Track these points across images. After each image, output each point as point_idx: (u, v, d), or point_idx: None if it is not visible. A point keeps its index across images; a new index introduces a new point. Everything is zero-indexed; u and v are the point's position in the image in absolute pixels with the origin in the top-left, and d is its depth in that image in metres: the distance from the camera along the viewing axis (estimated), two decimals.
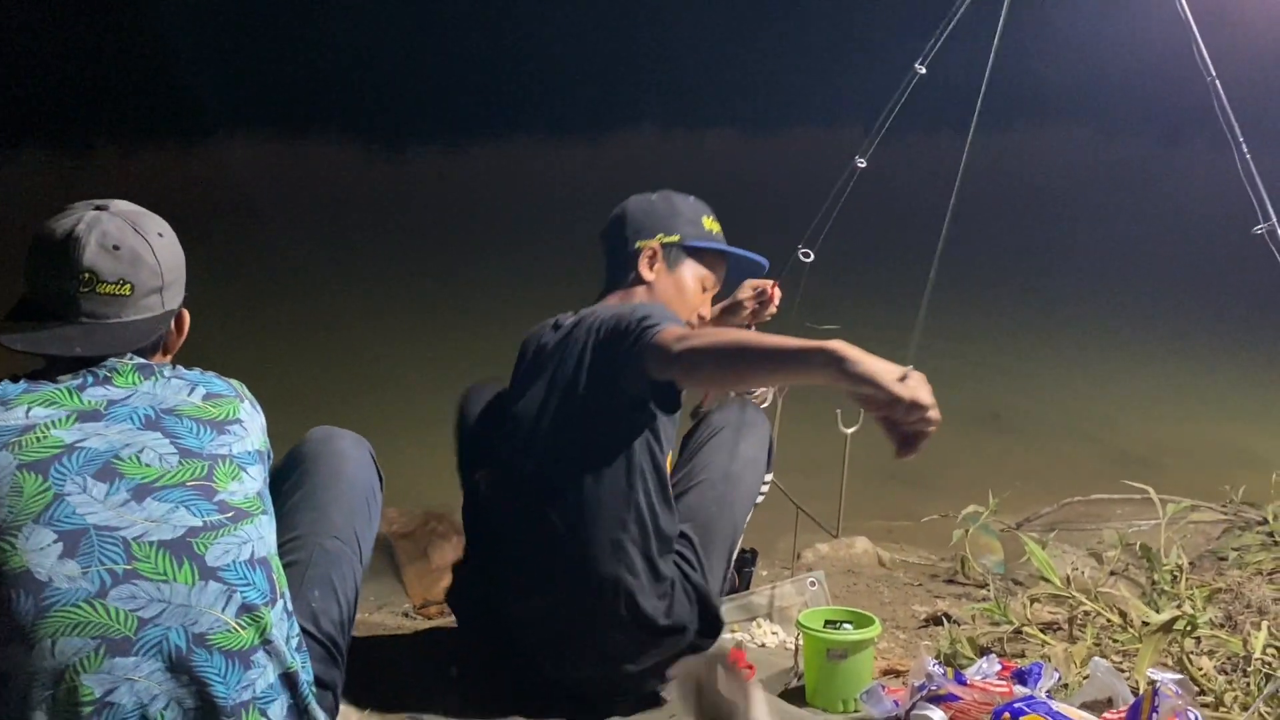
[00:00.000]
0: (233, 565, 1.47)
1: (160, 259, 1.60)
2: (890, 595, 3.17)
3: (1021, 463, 4.46)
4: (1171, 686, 1.63)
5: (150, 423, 1.50)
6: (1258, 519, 3.50)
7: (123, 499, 1.43)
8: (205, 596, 1.44)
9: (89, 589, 1.37)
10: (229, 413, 1.57)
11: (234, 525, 1.49)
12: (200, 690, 1.42)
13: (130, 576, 1.40)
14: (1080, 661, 2.39)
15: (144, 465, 1.47)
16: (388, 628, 2.86)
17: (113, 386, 1.52)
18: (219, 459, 1.52)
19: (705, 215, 2.37)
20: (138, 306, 1.57)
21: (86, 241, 1.54)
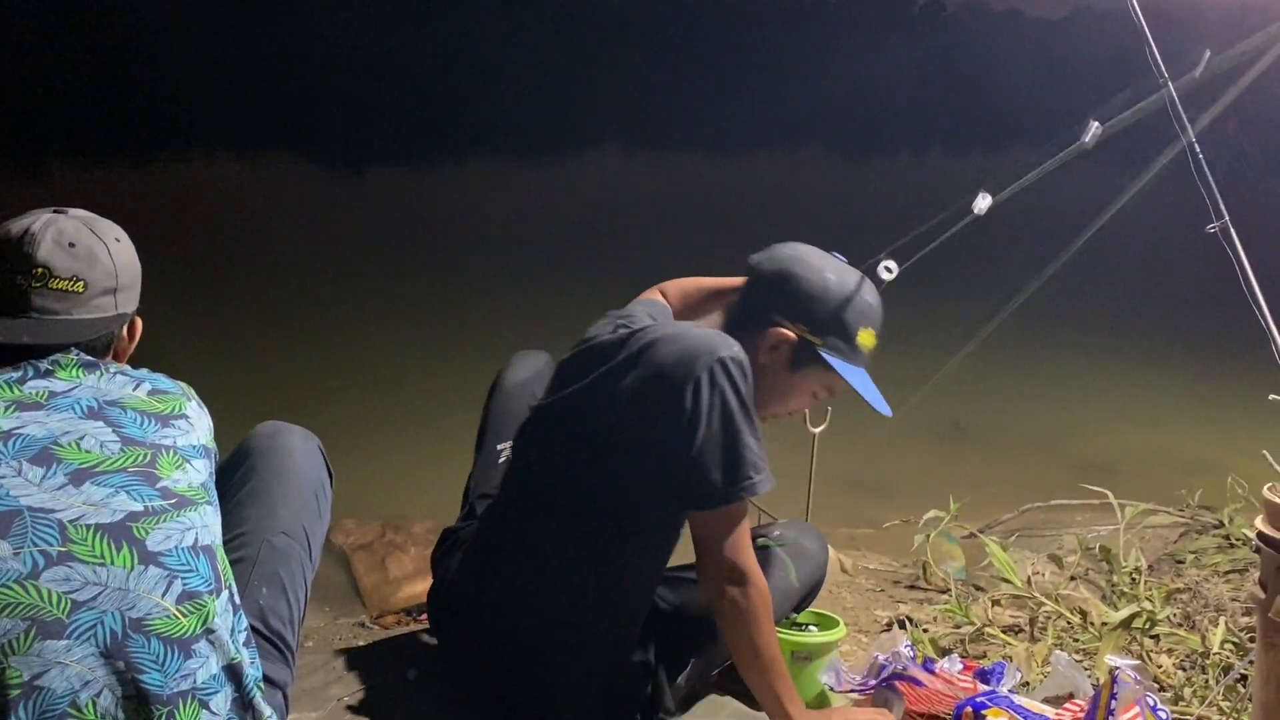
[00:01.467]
0: (175, 551, 1.43)
1: (116, 261, 1.58)
2: (853, 600, 3.16)
3: (982, 471, 4.49)
4: (1130, 673, 1.63)
5: (93, 413, 1.48)
6: (1214, 522, 3.54)
7: (60, 483, 1.40)
8: (144, 581, 1.39)
9: (20, 569, 1.33)
10: (175, 408, 1.55)
11: (177, 512, 1.45)
12: (135, 678, 1.38)
13: (65, 559, 1.36)
14: (1042, 661, 2.40)
15: (83, 451, 1.43)
16: (344, 637, 2.81)
17: (55, 379, 1.49)
18: (163, 449, 1.49)
19: (866, 329, 2.03)
20: (89, 305, 1.55)
21: (42, 238, 1.53)
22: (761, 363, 1.97)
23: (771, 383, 1.99)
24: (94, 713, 1.36)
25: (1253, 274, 2.29)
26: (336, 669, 2.35)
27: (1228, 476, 3.61)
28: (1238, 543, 3.29)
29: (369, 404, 4.98)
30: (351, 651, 2.53)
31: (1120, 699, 1.61)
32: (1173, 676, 2.33)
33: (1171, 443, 5.04)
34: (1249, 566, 3.04)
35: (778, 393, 2.02)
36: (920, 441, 5.02)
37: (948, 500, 3.40)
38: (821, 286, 1.99)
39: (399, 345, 6.00)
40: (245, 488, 1.73)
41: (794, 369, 2.00)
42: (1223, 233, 2.39)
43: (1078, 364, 6.26)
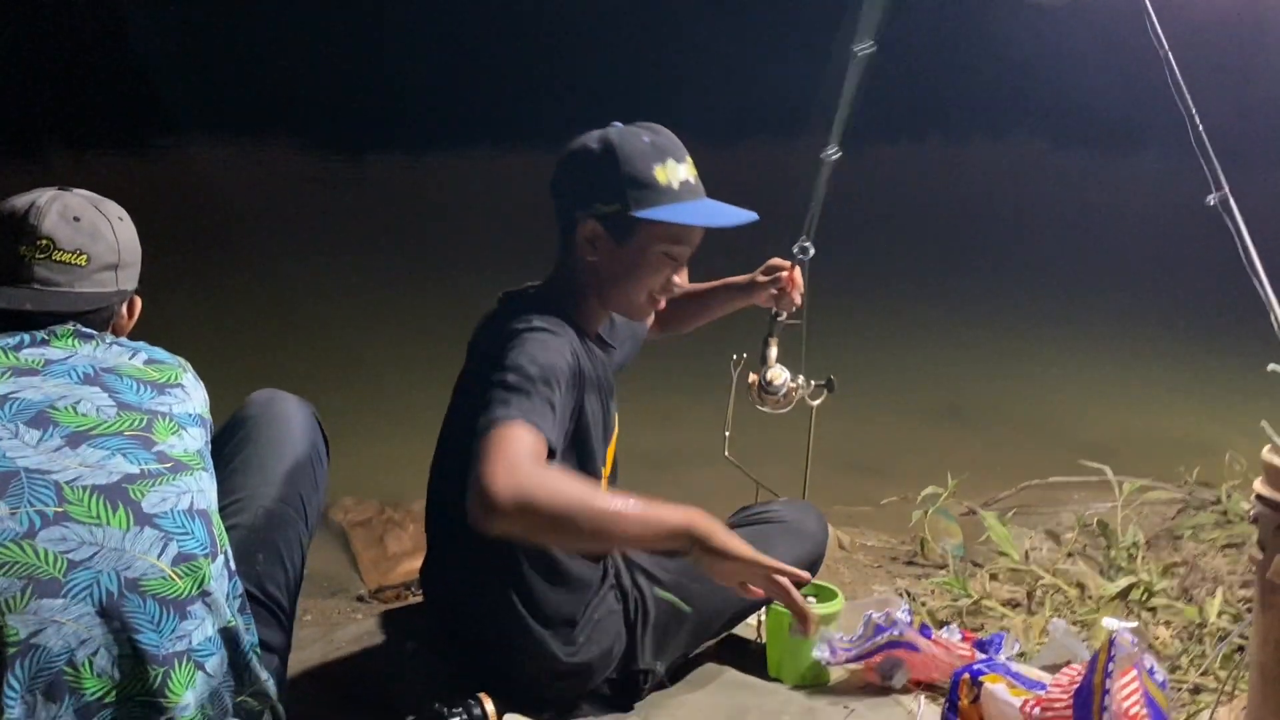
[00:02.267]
0: (170, 513, 1.44)
1: (119, 238, 1.61)
2: (850, 576, 3.17)
3: (979, 452, 4.49)
4: (1128, 636, 1.63)
5: (89, 379, 1.49)
6: (1212, 499, 3.54)
7: (56, 444, 1.41)
8: (140, 542, 1.40)
9: (16, 529, 1.34)
10: (171, 377, 1.56)
11: (173, 475, 1.46)
12: (131, 637, 1.38)
13: (61, 519, 1.36)
14: (1039, 632, 2.40)
15: (80, 415, 1.44)
16: (343, 611, 2.81)
17: (50, 348, 1.50)
18: (159, 414, 1.50)
19: (660, 164, 1.86)
20: (91, 279, 1.57)
21: (47, 211, 1.55)
22: (592, 262, 1.89)
23: (614, 272, 1.89)
24: (90, 671, 1.37)
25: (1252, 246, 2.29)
26: (335, 642, 2.35)
27: (1225, 454, 3.61)
28: (1235, 518, 3.30)
29: (368, 384, 4.98)
30: (350, 625, 2.53)
31: (1118, 662, 1.61)
32: (1170, 647, 2.34)
33: (1169, 423, 5.04)
34: (1247, 541, 3.05)
35: (629, 276, 1.90)
36: (917, 422, 5.03)
37: (945, 479, 3.40)
38: (589, 158, 1.87)
39: (398, 326, 5.99)
40: (240, 455, 1.73)
41: (622, 245, 1.87)
42: (1222, 204, 2.39)
43: (1074, 345, 6.26)
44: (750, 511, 2.31)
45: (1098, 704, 1.62)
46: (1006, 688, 1.85)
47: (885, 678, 2.14)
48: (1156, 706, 1.66)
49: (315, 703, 1.99)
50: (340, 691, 2.10)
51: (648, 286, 1.93)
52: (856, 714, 2.07)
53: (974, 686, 1.88)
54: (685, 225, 1.88)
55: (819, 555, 2.30)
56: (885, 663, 2.12)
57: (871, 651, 2.12)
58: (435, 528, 2.05)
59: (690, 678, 2.18)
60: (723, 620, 2.16)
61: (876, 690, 2.15)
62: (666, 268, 1.92)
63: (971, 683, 1.89)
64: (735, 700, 2.12)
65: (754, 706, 2.09)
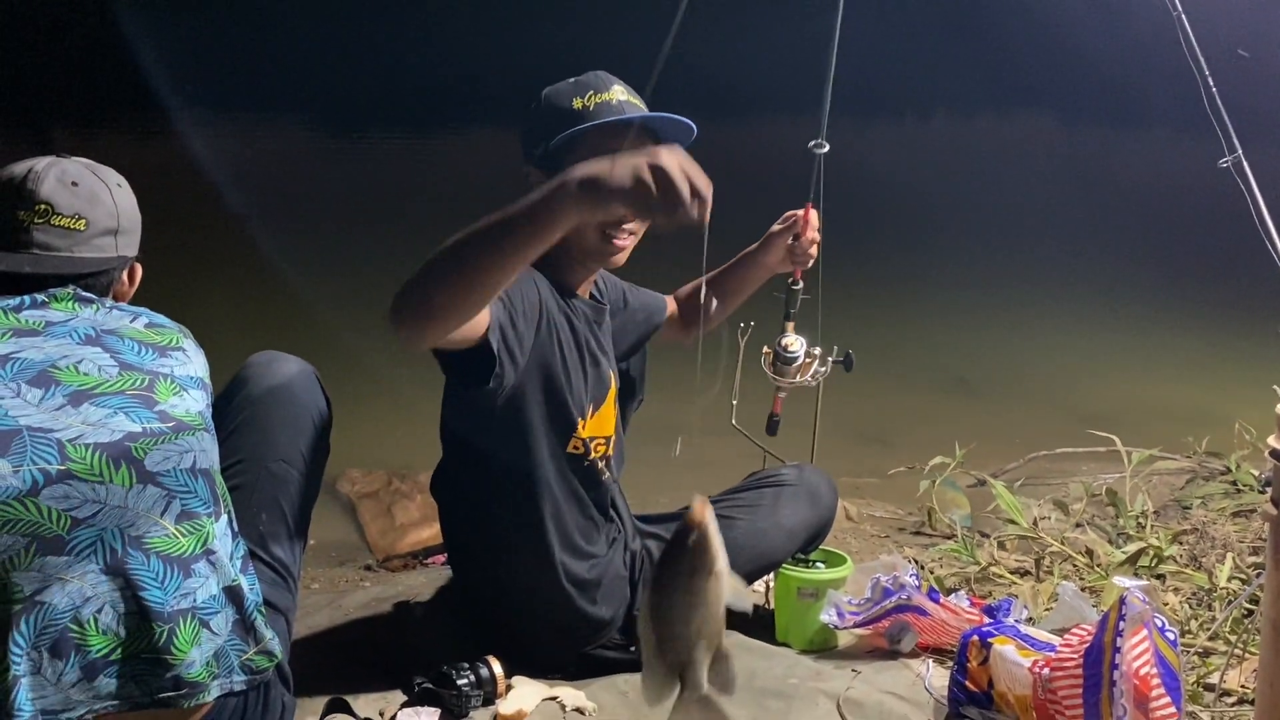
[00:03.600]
0: (173, 472, 1.43)
1: (118, 203, 1.60)
2: (857, 546, 3.16)
3: (987, 424, 4.47)
4: (1139, 595, 1.62)
5: (90, 340, 1.48)
6: (1221, 468, 3.53)
7: (58, 403, 1.39)
8: (143, 500, 1.39)
9: (19, 486, 1.33)
10: (172, 341, 1.55)
11: (174, 435, 1.44)
12: (135, 594, 1.38)
13: (64, 477, 1.35)
14: (1048, 598, 2.39)
15: (81, 374, 1.43)
16: (351, 579, 2.82)
17: (51, 310, 1.49)
18: (160, 375, 1.49)
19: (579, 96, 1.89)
20: (90, 244, 1.56)
21: (45, 176, 1.54)
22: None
23: None
24: (95, 628, 1.36)
25: (1265, 208, 2.27)
26: (343, 608, 2.36)
27: (1234, 425, 3.59)
28: (1245, 488, 3.28)
29: (374, 357, 4.97)
30: (358, 592, 2.54)
31: (1128, 621, 1.60)
32: (1179, 612, 2.33)
33: (1176, 397, 5.02)
34: (1256, 508, 3.04)
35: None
36: (924, 394, 5.01)
37: (953, 450, 3.39)
38: (526, 114, 1.93)
39: None
40: (241, 415, 1.72)
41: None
42: (1235, 167, 2.37)
43: (1082, 317, 6.24)
44: (759, 476, 2.31)
45: (1108, 663, 1.61)
46: (1015, 649, 1.84)
47: (893, 641, 2.13)
48: (1168, 665, 1.66)
49: (324, 666, 1.99)
50: (348, 655, 2.10)
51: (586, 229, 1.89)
52: (864, 677, 2.07)
53: (983, 648, 1.88)
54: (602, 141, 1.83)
55: (828, 519, 2.30)
56: (893, 627, 2.12)
57: (879, 616, 2.12)
58: (455, 492, 2.05)
59: None
60: None
61: (884, 654, 2.15)
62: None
63: (980, 644, 1.88)
64: (743, 664, 2.11)
65: (762, 670, 2.09)
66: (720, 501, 2.21)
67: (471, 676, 1.86)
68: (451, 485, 2.04)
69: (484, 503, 1.96)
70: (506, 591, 1.99)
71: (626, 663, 2.05)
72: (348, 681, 1.95)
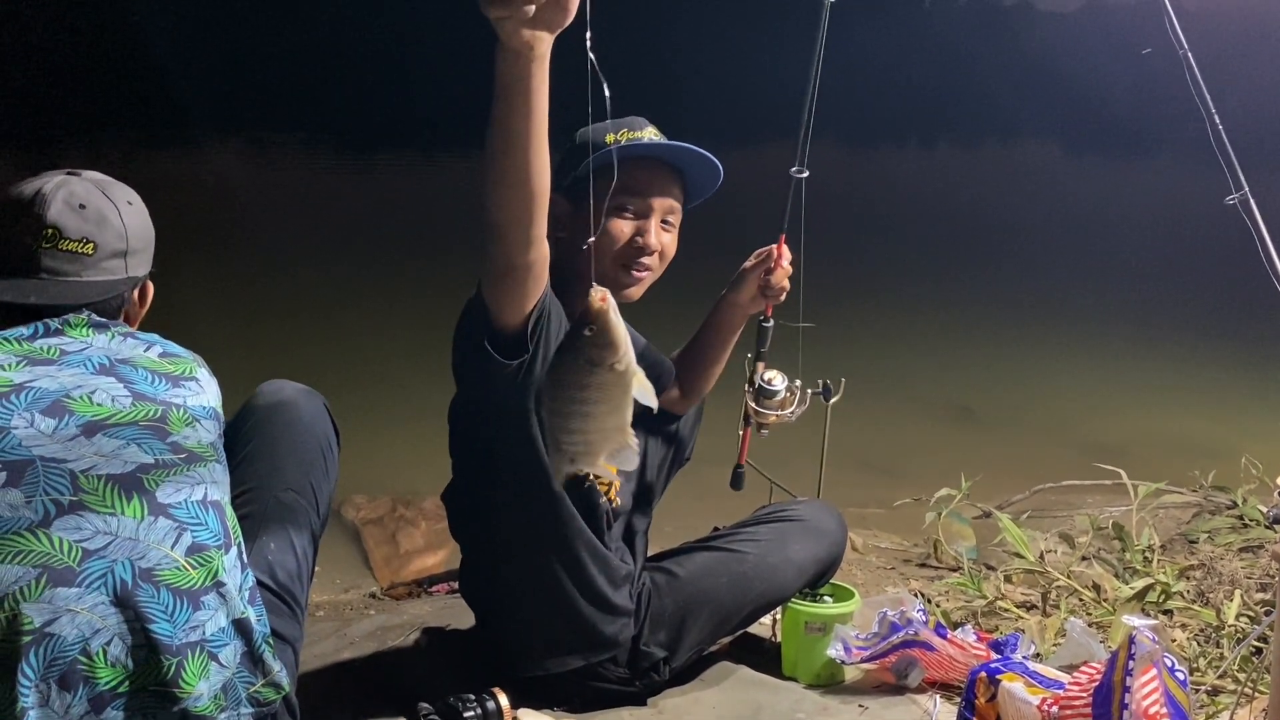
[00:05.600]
0: (184, 504, 1.43)
1: (127, 224, 1.58)
2: (864, 577, 3.15)
3: (993, 454, 4.47)
4: (1148, 634, 1.61)
5: (104, 369, 1.48)
6: (1227, 503, 3.52)
7: (71, 433, 1.40)
8: (154, 532, 1.40)
9: (31, 518, 1.34)
10: (186, 370, 1.55)
11: (187, 466, 1.45)
12: (144, 627, 1.38)
13: (76, 508, 1.36)
14: (1055, 633, 2.39)
15: (95, 404, 1.43)
16: (356, 607, 2.81)
17: (65, 337, 1.50)
18: (173, 406, 1.49)
19: (613, 132, 1.94)
20: (99, 267, 1.55)
21: (53, 199, 1.53)
22: (562, 238, 1.89)
23: (578, 240, 1.83)
24: (104, 660, 1.36)
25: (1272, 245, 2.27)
26: (348, 636, 2.36)
27: (1241, 459, 3.59)
28: (1251, 522, 3.27)
29: (380, 382, 4.98)
30: (363, 620, 2.53)
31: (1138, 660, 1.59)
32: (1187, 649, 2.32)
33: (1184, 426, 5.02)
34: (1264, 544, 3.03)
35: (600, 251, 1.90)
36: (930, 424, 5.01)
37: (958, 481, 3.38)
38: (562, 151, 1.94)
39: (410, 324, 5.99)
40: (250, 444, 1.71)
41: (578, 210, 1.87)
42: (1242, 204, 2.37)
43: (1087, 348, 6.25)
44: (770, 510, 2.31)
45: (1118, 702, 1.61)
46: (1024, 686, 1.83)
47: (900, 677, 2.13)
48: (1177, 705, 1.65)
49: (330, 695, 1.99)
50: (354, 685, 2.10)
51: (611, 249, 1.94)
52: (870, 713, 2.07)
53: (991, 685, 1.87)
54: (630, 171, 1.89)
55: (838, 555, 2.29)
56: (900, 662, 2.11)
57: (886, 651, 2.11)
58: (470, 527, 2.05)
59: (705, 675, 2.17)
60: (741, 615, 2.15)
61: (891, 689, 2.14)
62: (625, 224, 1.95)
63: (989, 681, 1.87)
64: (750, 698, 2.11)
65: (768, 704, 2.08)
66: (731, 535, 2.21)
67: (478, 709, 1.85)
68: (457, 495, 2.04)
69: (486, 512, 1.96)
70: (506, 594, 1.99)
71: (631, 695, 2.04)
72: (354, 711, 1.95)
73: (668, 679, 2.08)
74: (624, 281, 1.97)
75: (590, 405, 1.19)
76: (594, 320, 1.18)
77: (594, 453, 1.22)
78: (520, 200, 1.58)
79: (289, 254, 7.23)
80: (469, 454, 1.98)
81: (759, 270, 2.22)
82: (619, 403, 1.20)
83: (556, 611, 1.94)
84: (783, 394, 2.29)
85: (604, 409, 1.20)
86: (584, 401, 1.19)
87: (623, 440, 1.23)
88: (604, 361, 1.19)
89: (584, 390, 1.19)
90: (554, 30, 1.39)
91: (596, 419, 1.20)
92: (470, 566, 2.07)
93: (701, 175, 2.03)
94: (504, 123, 1.50)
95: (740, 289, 2.23)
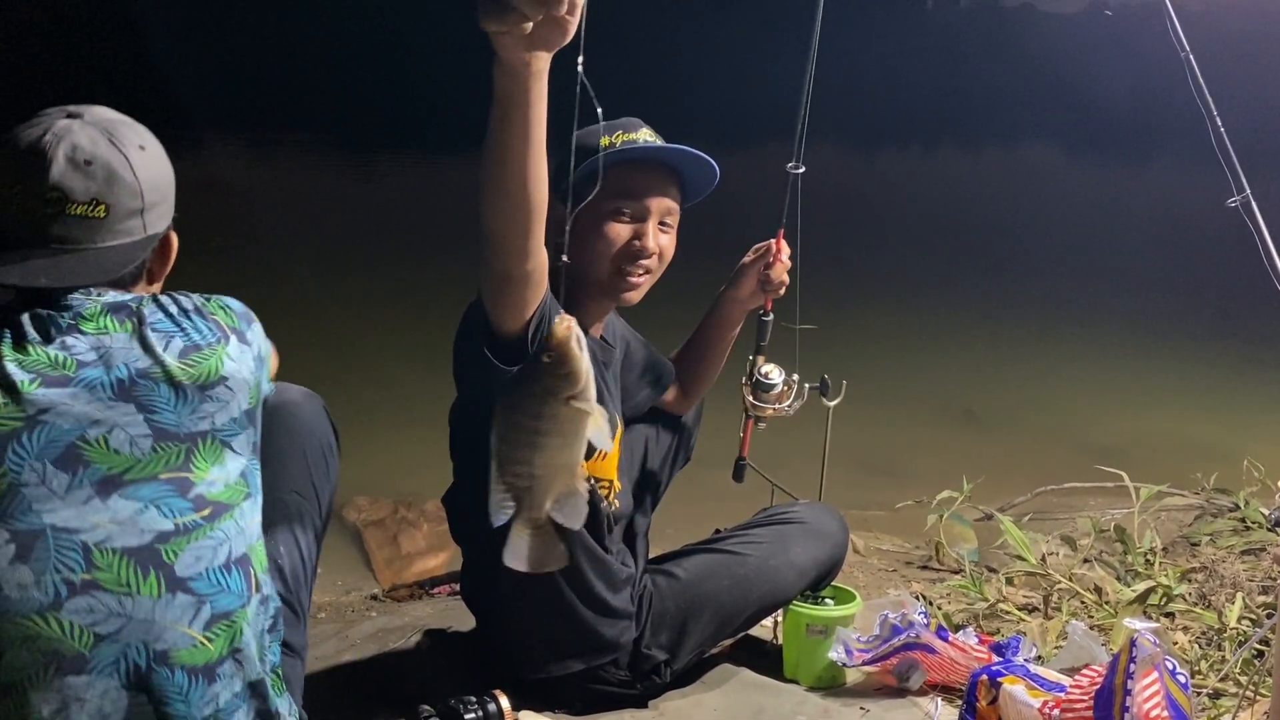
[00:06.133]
0: (204, 574, 1.34)
1: (140, 176, 1.39)
2: (865, 580, 3.15)
3: (994, 456, 4.47)
4: (1149, 637, 1.61)
5: (122, 390, 1.32)
6: (1229, 505, 3.52)
7: (85, 495, 1.28)
8: (171, 611, 1.31)
9: (41, 600, 1.25)
10: (211, 370, 1.37)
11: (210, 525, 1.35)
12: (158, 709, 1.31)
13: (89, 587, 1.27)
14: (1056, 636, 2.39)
15: (112, 451, 1.30)
16: (357, 609, 2.81)
17: (81, 335, 1.32)
18: (199, 438, 1.35)
19: (608, 135, 1.94)
20: (114, 231, 1.37)
21: (54, 155, 1.33)
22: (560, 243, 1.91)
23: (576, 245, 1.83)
24: None
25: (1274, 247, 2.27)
26: (350, 639, 2.36)
27: (1243, 461, 3.59)
28: (1254, 525, 3.27)
29: (381, 384, 4.98)
30: (365, 622, 2.54)
31: (1139, 663, 1.60)
32: (1189, 652, 2.32)
33: (1185, 428, 5.02)
34: (1265, 547, 3.03)
35: (587, 243, 1.92)
36: (932, 426, 5.01)
37: (960, 483, 3.39)
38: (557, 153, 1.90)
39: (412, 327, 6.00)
40: None
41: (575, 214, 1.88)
42: (1244, 207, 2.38)
43: (1089, 349, 6.25)
44: (771, 512, 2.31)
45: (1119, 705, 1.61)
46: (1025, 689, 1.83)
47: (902, 679, 2.13)
48: (1179, 708, 1.65)
49: (331, 698, 1.99)
50: (356, 688, 2.10)
51: (608, 252, 1.93)
52: (872, 715, 2.07)
53: (992, 688, 1.87)
54: (626, 174, 1.90)
55: (839, 557, 2.29)
56: (902, 664, 2.11)
57: (888, 653, 2.11)
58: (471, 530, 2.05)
59: (706, 678, 2.18)
60: (742, 618, 2.16)
61: (893, 692, 2.14)
62: (623, 227, 1.94)
63: (990, 684, 1.88)
64: (751, 700, 2.11)
65: (770, 707, 2.08)
66: (732, 538, 2.21)
67: (479, 711, 1.85)
68: (458, 498, 2.04)
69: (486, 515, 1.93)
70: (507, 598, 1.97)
71: (632, 698, 2.05)
72: (355, 714, 1.95)
73: (669, 681, 2.08)
74: (621, 287, 1.97)
75: (541, 436, 1.14)
76: (554, 348, 1.13)
77: (540, 490, 1.15)
78: (517, 211, 1.55)
79: (290, 256, 7.24)
80: (470, 457, 1.97)
81: (758, 265, 2.22)
82: (571, 439, 1.14)
83: (557, 615, 1.94)
84: (780, 387, 2.29)
85: (555, 442, 1.14)
86: (535, 431, 1.14)
87: (571, 484, 1.16)
88: (559, 392, 1.13)
89: (536, 420, 1.14)
90: (552, 48, 1.36)
91: (546, 452, 1.14)
92: (471, 570, 2.07)
93: (697, 175, 2.02)
94: (501, 136, 1.47)
95: (739, 284, 2.24)
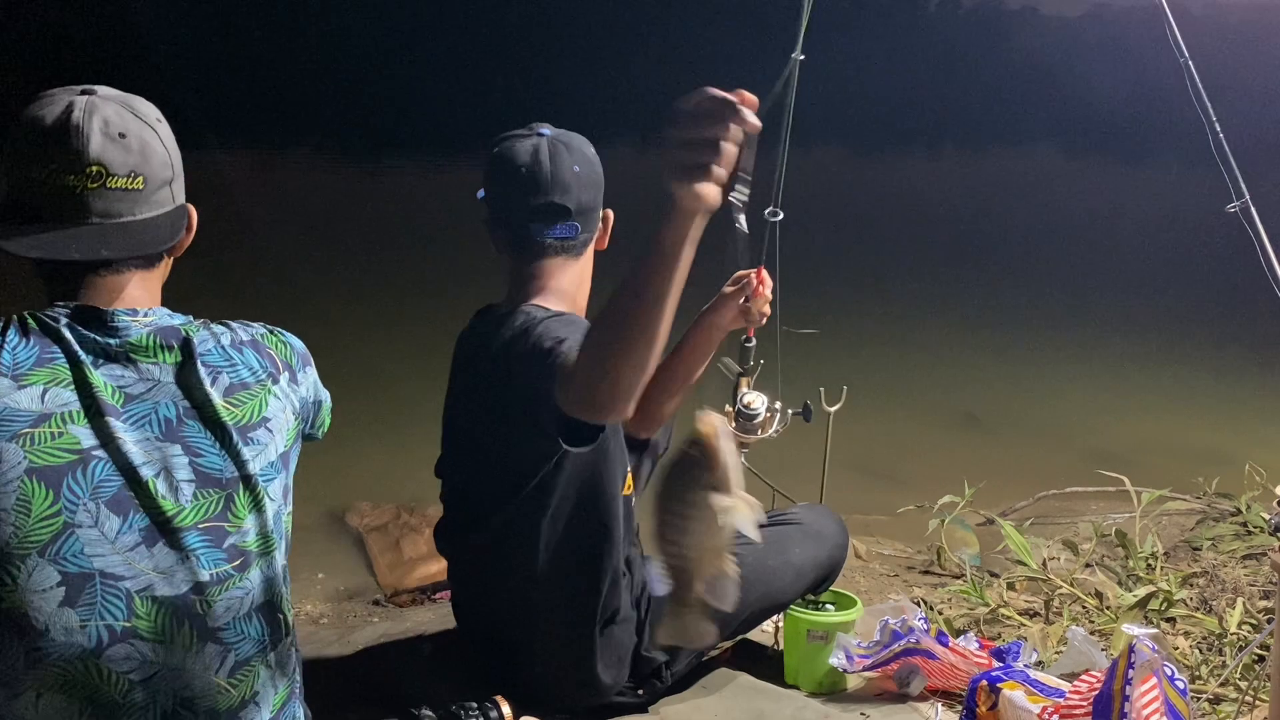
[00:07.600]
0: (232, 624, 1.37)
1: (168, 146, 1.40)
2: (867, 585, 3.16)
3: (996, 460, 4.47)
4: (1148, 643, 1.62)
5: (170, 430, 1.33)
6: (1231, 510, 3.52)
7: (134, 540, 1.30)
8: (200, 660, 1.34)
9: (85, 645, 1.27)
10: (253, 412, 1.39)
11: (240, 575, 1.37)
12: None
13: (128, 635, 1.30)
14: (1057, 641, 2.39)
15: (160, 497, 1.32)
16: (359, 614, 2.82)
17: (130, 365, 1.33)
18: (238, 483, 1.37)
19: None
20: (150, 202, 1.37)
21: (89, 130, 1.32)
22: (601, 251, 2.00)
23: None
24: None
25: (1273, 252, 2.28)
26: (352, 644, 2.37)
27: (1244, 466, 3.59)
28: (1255, 530, 3.27)
29: (385, 389, 4.99)
30: (366, 628, 2.55)
31: (1138, 669, 1.60)
32: (1189, 657, 2.32)
33: (1187, 433, 5.02)
34: (1267, 552, 3.03)
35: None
36: (934, 430, 5.01)
37: (961, 487, 3.39)
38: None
39: (415, 332, 6.01)
40: None
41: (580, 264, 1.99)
42: (1243, 212, 2.38)
43: (1091, 354, 6.25)
44: (770, 514, 2.31)
45: (1117, 711, 1.61)
46: (1025, 694, 1.84)
47: (902, 685, 2.13)
48: (1177, 714, 1.65)
49: (332, 704, 1.99)
50: (357, 692, 2.10)
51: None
52: None
53: (992, 693, 1.88)
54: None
55: (838, 559, 2.29)
56: (902, 670, 2.12)
57: (888, 659, 2.12)
58: (459, 539, 2.06)
59: (706, 682, 2.18)
60: (740, 619, 2.16)
61: (893, 697, 2.14)
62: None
63: (989, 689, 1.88)
64: (752, 705, 2.12)
65: (771, 712, 2.09)
66: None
67: (481, 717, 1.86)
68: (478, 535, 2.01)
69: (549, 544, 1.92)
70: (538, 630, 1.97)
71: (634, 705, 2.05)
72: (356, 719, 1.95)
73: (670, 684, 2.09)
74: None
75: (688, 521, 1.20)
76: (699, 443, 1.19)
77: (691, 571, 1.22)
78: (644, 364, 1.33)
79: (294, 261, 7.25)
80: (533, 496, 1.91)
81: (739, 295, 2.20)
82: (715, 525, 1.20)
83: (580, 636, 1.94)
84: (762, 416, 2.29)
85: (699, 527, 1.20)
86: (681, 515, 1.20)
87: (719, 566, 1.22)
88: (703, 482, 1.19)
89: (680, 504, 1.20)
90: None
91: (691, 535, 1.20)
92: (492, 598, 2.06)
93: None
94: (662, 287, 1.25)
95: (720, 310, 2.21)
